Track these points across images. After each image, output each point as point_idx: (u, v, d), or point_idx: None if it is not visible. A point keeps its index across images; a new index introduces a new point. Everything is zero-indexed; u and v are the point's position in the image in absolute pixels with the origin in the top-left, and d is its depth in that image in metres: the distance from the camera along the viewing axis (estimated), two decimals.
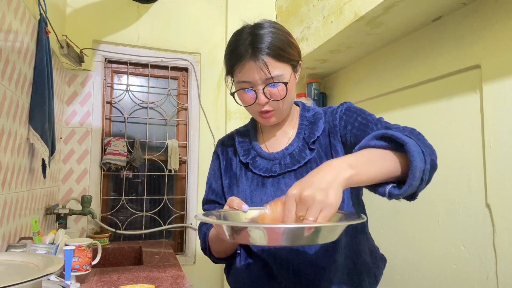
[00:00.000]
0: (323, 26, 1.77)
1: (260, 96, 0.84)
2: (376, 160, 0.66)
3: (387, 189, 0.67)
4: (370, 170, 0.64)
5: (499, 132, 1.21)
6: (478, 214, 1.27)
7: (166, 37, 2.36)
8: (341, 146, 0.88)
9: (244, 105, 0.90)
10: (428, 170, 0.67)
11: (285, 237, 0.57)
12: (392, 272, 1.64)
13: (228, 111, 2.33)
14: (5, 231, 1.21)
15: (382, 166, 0.66)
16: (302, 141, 0.91)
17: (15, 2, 1.24)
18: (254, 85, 0.84)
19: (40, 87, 1.40)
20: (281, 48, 0.83)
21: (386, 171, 0.66)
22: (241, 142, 0.98)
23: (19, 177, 1.33)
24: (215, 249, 0.96)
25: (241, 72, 0.84)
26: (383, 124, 0.83)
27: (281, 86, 0.84)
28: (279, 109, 0.88)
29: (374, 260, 0.94)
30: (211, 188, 1.02)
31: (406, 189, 0.65)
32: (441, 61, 1.44)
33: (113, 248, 1.97)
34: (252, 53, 0.82)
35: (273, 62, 0.82)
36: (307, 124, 0.93)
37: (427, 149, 0.70)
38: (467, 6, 1.34)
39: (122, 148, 2.18)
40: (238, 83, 0.87)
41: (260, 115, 0.89)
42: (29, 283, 0.63)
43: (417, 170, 0.64)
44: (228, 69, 0.90)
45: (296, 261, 0.85)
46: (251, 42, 0.83)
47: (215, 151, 1.06)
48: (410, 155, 0.64)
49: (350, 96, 2.09)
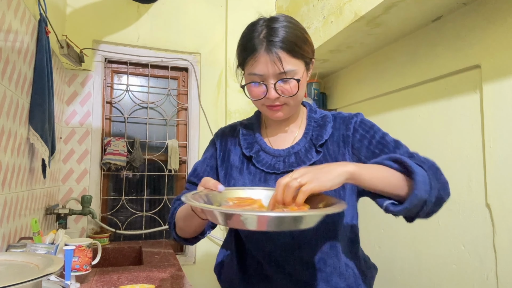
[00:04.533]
0: (323, 26, 1.77)
1: (270, 91, 0.83)
2: (383, 174, 0.73)
3: (385, 203, 0.74)
4: (373, 176, 0.71)
5: (499, 132, 1.21)
6: (478, 214, 1.27)
7: (166, 37, 2.36)
8: (350, 157, 0.88)
9: (253, 98, 0.88)
10: (432, 202, 0.73)
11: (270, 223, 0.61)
12: (392, 272, 1.64)
13: (228, 111, 2.33)
14: (5, 231, 1.21)
15: (386, 179, 0.73)
16: (309, 142, 0.90)
17: (15, 2, 1.24)
18: (266, 79, 0.83)
19: (40, 87, 1.40)
20: (296, 43, 0.82)
21: (388, 186, 0.73)
22: (245, 134, 0.96)
23: (19, 177, 1.33)
24: (180, 227, 0.93)
25: (253, 65, 0.82)
26: (404, 150, 0.85)
27: (293, 82, 0.82)
28: (289, 105, 0.86)
29: (368, 266, 0.94)
30: (196, 171, 1.00)
31: (400, 209, 0.71)
32: (441, 61, 1.44)
33: (113, 248, 1.97)
34: (266, 46, 0.80)
35: (287, 57, 0.81)
36: (315, 126, 0.92)
37: (438, 184, 0.75)
38: (467, 6, 1.34)
39: (122, 148, 2.18)
40: (250, 75, 0.85)
41: (268, 108, 0.87)
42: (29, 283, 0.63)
43: (417, 198, 0.70)
44: (240, 61, 0.88)
45: (292, 262, 0.85)
46: (266, 35, 0.81)
47: (213, 139, 1.03)
48: (414, 183, 0.70)
49: (350, 96, 2.09)
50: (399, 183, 0.73)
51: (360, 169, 0.70)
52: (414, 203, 0.70)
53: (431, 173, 0.74)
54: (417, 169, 0.71)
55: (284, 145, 0.92)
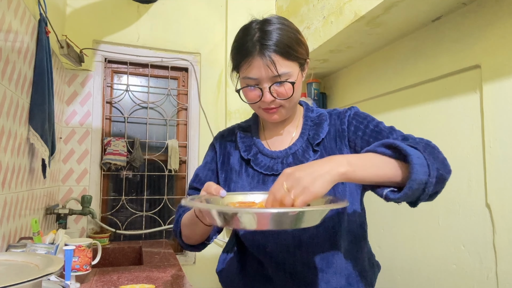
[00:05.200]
0: (323, 26, 1.77)
1: (266, 94, 0.83)
2: (377, 164, 0.69)
3: (384, 192, 0.70)
4: (367, 171, 0.68)
5: (499, 132, 1.21)
6: (478, 214, 1.27)
7: (166, 37, 2.36)
8: (348, 150, 0.88)
9: (248, 102, 0.88)
10: (433, 183, 0.68)
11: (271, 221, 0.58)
12: (392, 272, 1.64)
13: (228, 111, 2.33)
14: (5, 231, 1.21)
15: (381, 170, 0.69)
16: (306, 142, 0.90)
17: (15, 2, 1.24)
18: (260, 83, 0.83)
19: (40, 87, 1.40)
20: (289, 45, 0.82)
21: (384, 176, 0.69)
22: (242, 137, 0.97)
23: (19, 177, 1.33)
24: (185, 234, 0.92)
25: (247, 69, 0.83)
26: (398, 134, 0.83)
27: (288, 85, 0.83)
28: (285, 107, 0.87)
29: (371, 266, 0.94)
30: (198, 176, 1.00)
31: (401, 196, 0.67)
32: (441, 61, 1.44)
33: (113, 248, 1.97)
34: (259, 49, 0.80)
35: (281, 60, 0.81)
36: (312, 125, 0.92)
37: (437, 163, 0.71)
38: (467, 6, 1.34)
39: (122, 148, 2.18)
40: (244, 79, 0.85)
41: (264, 111, 0.88)
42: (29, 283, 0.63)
43: (416, 182, 0.66)
44: (235, 65, 0.88)
45: (293, 262, 0.85)
46: (259, 39, 0.81)
47: (212, 143, 1.04)
48: (411, 167, 0.66)
49: (350, 96, 2.09)
50: (395, 171, 0.69)
51: (353, 167, 0.66)
52: (413, 187, 0.66)
53: (427, 152, 0.70)
54: (411, 151, 0.67)
55: (282, 146, 0.92)
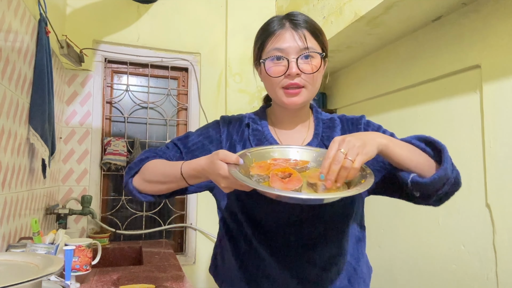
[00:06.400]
0: (323, 26, 1.77)
1: (292, 65, 0.80)
2: (412, 150, 0.76)
3: (411, 175, 0.74)
4: (403, 150, 0.74)
5: (499, 132, 1.21)
6: (478, 214, 1.27)
7: (166, 37, 2.36)
8: None
9: (272, 76, 0.83)
10: (451, 183, 0.76)
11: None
12: (392, 272, 1.64)
13: (228, 111, 2.33)
14: (5, 231, 1.21)
15: (414, 155, 0.75)
16: (320, 143, 0.89)
17: (15, 2, 1.24)
18: (288, 54, 0.81)
19: (40, 87, 1.40)
20: (317, 28, 0.85)
21: (415, 161, 0.74)
22: (254, 130, 0.92)
23: (19, 177, 1.33)
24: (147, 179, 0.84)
25: (276, 39, 0.82)
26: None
27: (314, 61, 0.83)
28: (307, 89, 0.84)
29: (368, 268, 0.94)
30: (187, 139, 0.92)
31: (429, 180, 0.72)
32: (441, 61, 1.44)
33: (113, 248, 1.97)
34: (290, 24, 0.83)
35: (310, 37, 0.83)
36: (324, 127, 0.92)
37: (455, 168, 0.79)
38: (467, 6, 1.34)
39: (122, 148, 2.18)
40: (271, 51, 0.83)
41: (285, 92, 0.84)
42: (29, 283, 0.63)
43: (445, 172, 0.72)
44: (260, 45, 0.86)
45: (297, 261, 0.84)
46: (288, 18, 0.84)
47: (217, 123, 0.96)
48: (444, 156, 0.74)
49: (350, 96, 2.09)
50: (426, 160, 0.76)
51: (392, 142, 0.73)
52: (441, 175, 0.72)
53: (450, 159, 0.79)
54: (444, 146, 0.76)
55: (294, 143, 0.90)
